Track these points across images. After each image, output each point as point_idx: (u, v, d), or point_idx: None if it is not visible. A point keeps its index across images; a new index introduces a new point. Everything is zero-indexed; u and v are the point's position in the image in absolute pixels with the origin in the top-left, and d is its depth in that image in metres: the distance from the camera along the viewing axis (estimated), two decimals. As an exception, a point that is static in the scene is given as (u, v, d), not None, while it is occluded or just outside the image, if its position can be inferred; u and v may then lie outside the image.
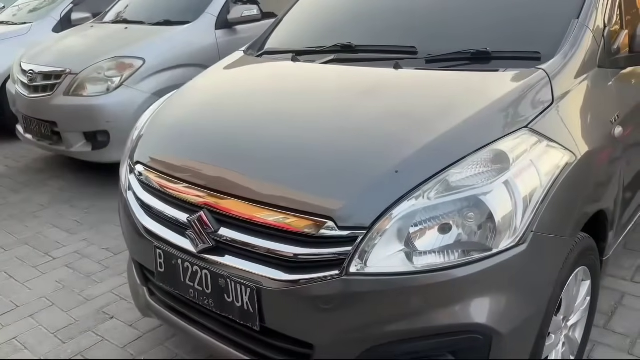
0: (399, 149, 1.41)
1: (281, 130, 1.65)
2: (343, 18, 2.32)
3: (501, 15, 1.91)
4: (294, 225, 1.41)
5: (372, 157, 1.42)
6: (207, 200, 1.58)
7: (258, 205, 1.47)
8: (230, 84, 2.13)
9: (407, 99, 1.63)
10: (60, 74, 3.76)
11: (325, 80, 1.87)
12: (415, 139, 1.43)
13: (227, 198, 1.54)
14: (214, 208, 1.56)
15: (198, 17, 4.03)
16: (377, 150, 1.43)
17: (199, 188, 1.61)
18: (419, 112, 1.54)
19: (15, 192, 3.94)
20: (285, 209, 1.43)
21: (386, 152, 1.41)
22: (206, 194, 1.59)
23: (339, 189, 1.39)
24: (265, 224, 1.45)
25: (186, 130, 1.83)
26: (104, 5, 5.38)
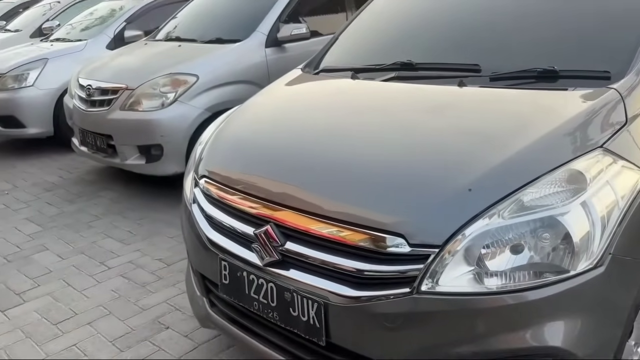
0: (471, 167, 1.40)
1: (346, 146, 1.67)
2: (401, 35, 2.34)
3: (568, 33, 1.89)
4: (362, 241, 1.42)
5: (443, 175, 1.42)
6: (273, 214, 1.60)
7: (325, 220, 1.49)
8: (292, 101, 2.17)
9: (476, 117, 1.63)
10: (117, 90, 3.90)
11: (388, 98, 1.89)
12: (488, 157, 1.42)
13: (294, 212, 1.56)
14: (281, 222, 1.58)
15: (249, 35, 4.13)
16: (449, 168, 1.43)
17: (265, 202, 1.64)
18: (489, 130, 1.54)
19: (69, 203, 4.08)
20: (353, 225, 1.44)
21: (458, 170, 1.41)
22: (273, 208, 1.61)
23: (409, 206, 1.39)
24: (333, 239, 1.47)
25: (251, 145, 1.88)
26: (154, 23, 5.59)
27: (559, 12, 1.96)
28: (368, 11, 2.67)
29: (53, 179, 4.64)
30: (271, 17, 4.19)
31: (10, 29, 8.00)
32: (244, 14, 4.44)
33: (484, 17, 2.13)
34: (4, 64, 5.45)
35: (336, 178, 1.56)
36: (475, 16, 2.16)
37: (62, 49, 5.63)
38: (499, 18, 2.10)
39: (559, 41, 1.89)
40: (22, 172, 4.88)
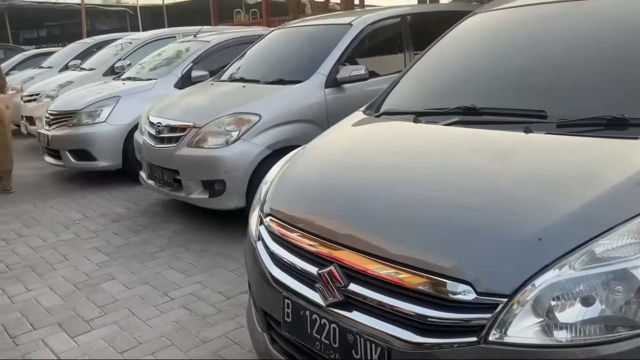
0: (540, 216, 1.40)
1: (409, 189, 1.70)
2: (464, 78, 2.37)
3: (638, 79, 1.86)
4: (427, 286, 1.42)
5: (511, 222, 1.42)
6: (337, 255, 1.64)
7: (389, 263, 1.51)
8: (354, 143, 2.23)
9: (544, 164, 1.62)
10: (185, 127, 4.11)
11: (452, 142, 1.91)
12: (558, 206, 1.41)
13: (358, 254, 1.59)
14: (344, 263, 1.61)
15: (309, 77, 4.26)
16: (517, 215, 1.43)
17: (329, 242, 1.68)
18: (558, 178, 1.53)
19: (135, 234, 4.27)
20: (417, 269, 1.45)
21: (527, 218, 1.41)
22: (337, 248, 1.65)
23: (477, 253, 1.39)
24: (397, 284, 1.48)
25: (315, 185, 1.94)
26: (218, 64, 5.88)
27: (628, 57, 1.94)
28: (430, 54, 2.73)
29: (120, 210, 4.89)
30: (331, 60, 4.32)
31: (85, 67, 8.58)
32: (304, 57, 4.62)
33: (549, 61, 2.14)
34: (80, 101, 5.86)
35: (400, 221, 1.58)
36: (540, 60, 2.17)
37: (133, 87, 5.99)
38: (566, 62, 2.09)
39: (629, 88, 1.86)
40: (92, 203, 5.16)
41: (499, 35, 2.55)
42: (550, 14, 2.41)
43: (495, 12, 2.73)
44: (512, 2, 2.76)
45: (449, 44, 2.70)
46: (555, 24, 2.35)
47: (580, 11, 2.32)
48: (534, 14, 2.50)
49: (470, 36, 2.68)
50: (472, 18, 2.80)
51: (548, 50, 2.20)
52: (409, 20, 4.91)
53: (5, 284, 3.46)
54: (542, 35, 2.31)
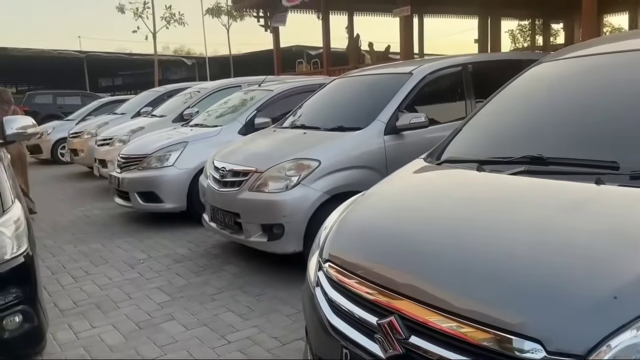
0: (616, 272, 1.32)
1: (475, 239, 1.66)
2: (530, 126, 2.33)
3: None
4: (494, 342, 1.36)
5: (585, 278, 1.35)
6: (398, 305, 1.61)
7: (454, 317, 1.46)
8: (415, 190, 2.22)
9: (618, 218, 1.55)
10: (247, 172, 4.24)
11: (518, 192, 1.86)
12: (634, 263, 1.34)
13: (420, 305, 1.55)
14: (405, 314, 1.58)
15: (369, 124, 4.32)
16: (591, 271, 1.36)
17: (390, 291, 1.65)
18: (634, 233, 1.45)
19: (196, 275, 4.37)
20: (483, 324, 1.40)
21: (602, 274, 1.34)
22: (398, 298, 1.62)
23: (547, 310, 1.33)
24: (461, 338, 1.43)
25: (375, 232, 1.93)
26: (280, 111, 6.07)
27: None
28: (494, 102, 2.70)
29: (183, 251, 5.03)
30: (391, 107, 4.37)
31: (156, 114, 9.08)
32: (364, 105, 4.69)
33: (619, 111, 2.07)
34: (150, 146, 6.18)
35: (465, 272, 1.54)
36: (610, 109, 2.10)
37: (200, 133, 6.27)
38: (636, 112, 2.02)
39: None
40: (157, 244, 5.35)
41: (566, 84, 2.50)
42: (618, 63, 2.35)
43: (561, 61, 2.69)
44: (578, 51, 2.72)
45: (514, 92, 2.67)
46: (624, 73, 2.28)
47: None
48: (602, 63, 2.45)
49: (536, 85, 2.64)
50: (537, 67, 2.77)
51: (617, 100, 2.13)
52: (470, 68, 4.91)
53: (72, 320, 3.61)
54: (611, 84, 2.25)
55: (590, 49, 2.69)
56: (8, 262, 2.44)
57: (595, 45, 2.80)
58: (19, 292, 2.49)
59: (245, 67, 27.53)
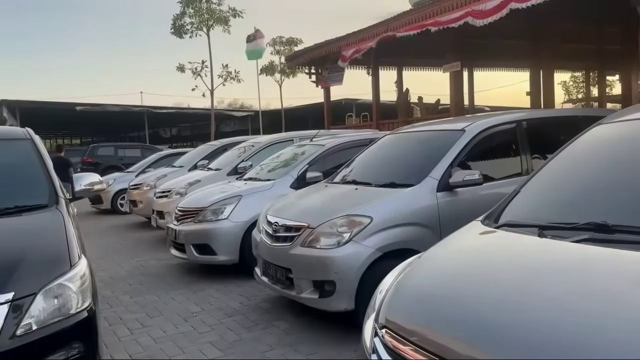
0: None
1: (538, 311, 1.61)
2: (592, 191, 2.27)
3: None
4: None
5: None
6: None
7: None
8: (474, 255, 2.18)
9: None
10: (300, 227, 4.28)
11: (585, 262, 1.80)
12: None
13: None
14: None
15: (421, 180, 4.31)
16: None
17: None
18: None
19: (247, 330, 4.37)
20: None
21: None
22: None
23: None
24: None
25: (439, 300, 1.90)
26: (331, 165, 6.16)
27: None
28: (554, 163, 2.66)
29: (235, 305, 5.06)
30: (444, 164, 4.36)
31: (212, 167, 9.39)
32: (417, 161, 4.70)
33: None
34: (207, 199, 6.37)
35: (528, 347, 1.49)
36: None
37: (254, 187, 6.42)
38: None
39: None
40: (209, 296, 5.41)
41: (629, 146, 2.44)
42: None
43: (622, 123, 2.64)
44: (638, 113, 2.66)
45: (574, 154, 2.62)
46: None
47: None
48: None
49: (596, 147, 2.59)
50: (596, 128, 2.72)
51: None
52: (524, 125, 4.87)
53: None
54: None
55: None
56: (73, 316, 2.55)
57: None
58: (81, 346, 2.58)
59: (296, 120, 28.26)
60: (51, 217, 3.07)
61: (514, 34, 13.08)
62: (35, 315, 2.45)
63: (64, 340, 2.53)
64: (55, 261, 2.66)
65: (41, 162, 3.55)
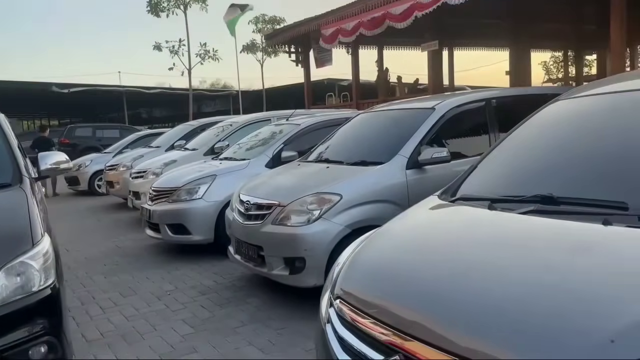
0: (615, 316, 1.32)
1: (483, 281, 1.67)
2: (543, 166, 2.33)
3: None
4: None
5: (584, 321, 1.34)
6: (403, 344, 1.62)
7: (455, 356, 1.47)
8: (428, 229, 2.24)
9: (622, 261, 1.54)
10: (270, 205, 4.32)
11: (527, 233, 1.87)
12: (633, 306, 1.33)
13: (424, 345, 1.56)
14: (410, 354, 1.59)
15: (391, 158, 4.36)
16: (590, 314, 1.36)
17: (396, 331, 1.67)
18: (634, 276, 1.44)
19: (220, 307, 4.42)
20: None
21: (600, 318, 1.33)
22: (402, 337, 1.63)
23: (548, 353, 1.32)
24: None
25: (387, 271, 1.96)
26: (308, 144, 6.17)
27: None
28: (509, 140, 2.72)
29: (209, 283, 5.11)
30: (413, 142, 4.41)
31: (188, 147, 9.33)
32: (387, 139, 4.75)
33: (632, 151, 2.06)
34: (181, 179, 6.35)
35: (472, 316, 1.55)
36: (623, 150, 2.09)
37: (228, 166, 6.42)
38: None
39: None
40: (184, 275, 5.45)
41: (580, 122, 2.50)
42: (633, 102, 2.34)
43: (578, 99, 2.70)
44: (596, 89, 2.72)
45: (529, 130, 2.68)
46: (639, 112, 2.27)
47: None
48: (616, 102, 2.44)
49: (551, 123, 2.65)
50: (553, 105, 2.78)
51: (630, 140, 2.12)
52: (493, 103, 4.93)
53: (97, 351, 3.70)
54: (624, 124, 2.24)
55: (608, 87, 2.69)
56: (35, 294, 2.56)
57: (615, 82, 2.80)
58: (45, 323, 2.59)
59: (278, 100, 28.10)
60: (14, 195, 3.05)
61: (493, 13, 13.12)
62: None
63: (27, 317, 2.54)
64: (17, 239, 2.66)
65: (5, 142, 3.52)
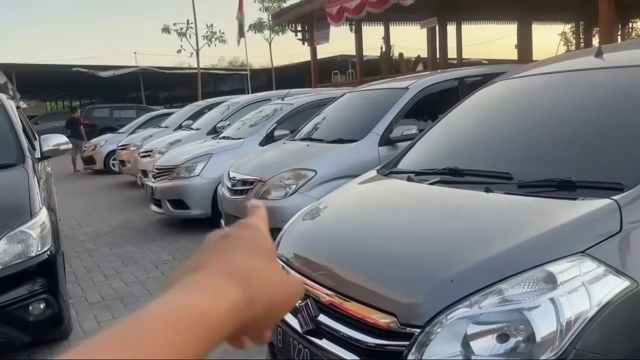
0: (459, 262, 1.67)
1: (379, 238, 2.03)
2: (460, 143, 2.66)
3: (592, 145, 2.05)
4: (371, 318, 1.73)
5: (435, 266, 1.70)
6: (313, 291, 1.99)
7: (348, 299, 1.84)
8: (355, 198, 2.60)
9: (482, 220, 1.88)
10: (253, 181, 4.70)
11: (424, 199, 2.21)
12: (476, 254, 1.67)
13: (328, 290, 1.94)
14: (316, 297, 1.96)
15: (365, 136, 4.69)
16: (441, 261, 1.71)
17: (311, 281, 2.05)
18: (486, 231, 1.78)
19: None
20: (367, 304, 1.77)
21: (448, 263, 1.68)
22: (314, 286, 2.01)
23: (404, 290, 1.69)
24: (351, 315, 1.81)
25: (310, 233, 2.33)
26: (300, 124, 6.49)
27: (588, 126, 2.13)
28: (443, 120, 3.03)
29: (203, 253, 5.54)
30: (386, 120, 4.72)
31: (194, 127, 9.73)
32: (363, 118, 5.06)
33: (526, 129, 2.37)
34: (180, 157, 6.77)
35: (361, 265, 1.92)
36: (521, 128, 2.41)
37: (224, 145, 6.81)
38: (540, 130, 2.31)
39: (585, 153, 2.05)
40: (183, 247, 5.89)
41: (504, 103, 2.81)
42: (555, 83, 2.63)
43: (512, 80, 2.99)
44: (532, 70, 3.00)
45: (461, 110, 2.99)
46: (554, 94, 2.57)
47: (576, 83, 2.53)
48: (541, 84, 2.73)
49: (480, 103, 2.95)
50: (491, 85, 3.07)
51: (532, 119, 2.43)
52: (467, 82, 5.18)
53: (97, 312, 4.17)
54: (536, 104, 2.54)
55: (543, 68, 2.98)
56: (34, 258, 3.00)
57: (559, 61, 3.08)
58: (43, 283, 3.04)
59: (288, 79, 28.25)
60: (17, 174, 3.48)
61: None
62: (0, 257, 2.90)
63: (27, 278, 2.99)
64: (18, 211, 3.10)
65: (9, 124, 3.93)
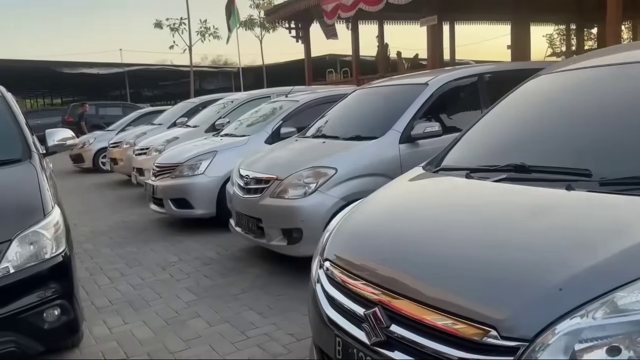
0: (564, 267, 1.49)
1: (451, 241, 1.85)
2: (518, 138, 2.49)
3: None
4: (459, 330, 1.55)
5: (536, 273, 1.52)
6: (381, 298, 1.81)
7: (428, 307, 1.65)
8: (409, 197, 2.41)
9: (577, 221, 1.71)
10: (269, 180, 4.49)
11: (497, 198, 2.04)
12: (582, 259, 1.50)
13: (400, 298, 1.75)
14: (387, 306, 1.77)
15: (385, 133, 4.51)
16: (542, 266, 1.53)
17: (375, 286, 1.86)
18: (587, 233, 1.61)
19: (222, 276, 4.64)
20: (452, 314, 1.58)
21: (551, 269, 1.51)
22: (381, 292, 1.82)
23: (503, 300, 1.51)
24: (433, 326, 1.62)
25: (369, 234, 2.14)
26: (307, 121, 6.29)
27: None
28: (491, 114, 2.87)
29: (211, 254, 5.32)
30: (406, 117, 4.55)
31: (190, 124, 9.48)
32: (381, 115, 4.88)
33: (597, 123, 2.21)
34: (182, 155, 6.52)
35: (438, 270, 1.73)
36: (590, 122, 2.25)
37: (229, 143, 6.57)
38: (613, 124, 2.16)
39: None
40: (188, 247, 5.66)
41: (557, 96, 2.65)
42: (609, 76, 2.48)
43: (558, 74, 2.83)
44: (577, 63, 2.85)
45: (510, 104, 2.83)
46: (611, 86, 2.41)
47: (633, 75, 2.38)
48: (594, 76, 2.58)
49: (530, 97, 2.79)
50: (535, 79, 2.92)
51: (600, 112, 2.27)
52: (486, 78, 5.04)
53: (107, 317, 3.93)
54: (598, 97, 2.39)
55: (588, 62, 2.83)
56: (48, 260, 2.76)
57: (595, 57, 2.93)
58: (57, 288, 2.80)
59: (279, 77, 28.03)
60: (25, 170, 3.23)
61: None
62: (12, 260, 2.65)
63: (40, 282, 2.75)
64: (30, 211, 2.85)
65: (14, 119, 3.68)
